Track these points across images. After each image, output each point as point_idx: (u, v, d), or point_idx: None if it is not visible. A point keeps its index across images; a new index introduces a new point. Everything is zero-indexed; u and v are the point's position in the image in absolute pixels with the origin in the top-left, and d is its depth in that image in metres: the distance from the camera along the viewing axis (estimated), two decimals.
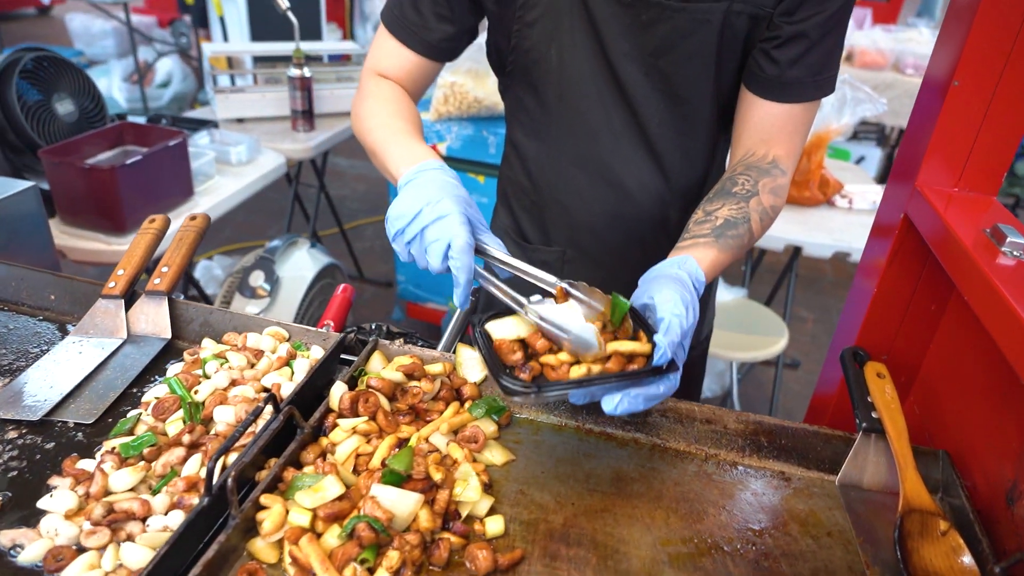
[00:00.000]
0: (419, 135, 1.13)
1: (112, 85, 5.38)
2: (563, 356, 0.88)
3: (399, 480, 0.88)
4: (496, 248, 0.96)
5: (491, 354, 0.90)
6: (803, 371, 3.75)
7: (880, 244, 1.21)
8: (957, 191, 1.11)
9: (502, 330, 0.92)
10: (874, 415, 1.04)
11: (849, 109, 2.76)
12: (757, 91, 1.12)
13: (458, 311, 1.24)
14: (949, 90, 1.04)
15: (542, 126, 1.23)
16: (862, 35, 5.16)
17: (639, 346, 0.87)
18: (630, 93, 1.15)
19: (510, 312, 0.94)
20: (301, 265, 2.67)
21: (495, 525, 0.89)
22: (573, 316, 0.89)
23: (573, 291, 0.94)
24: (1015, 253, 0.91)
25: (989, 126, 1.05)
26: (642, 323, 0.91)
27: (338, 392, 1.01)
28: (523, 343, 0.92)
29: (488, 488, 0.95)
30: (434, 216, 0.91)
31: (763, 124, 1.13)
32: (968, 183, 1.10)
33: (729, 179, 1.13)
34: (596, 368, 0.87)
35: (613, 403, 0.85)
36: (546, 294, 0.95)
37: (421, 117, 2.98)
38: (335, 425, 0.99)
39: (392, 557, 0.79)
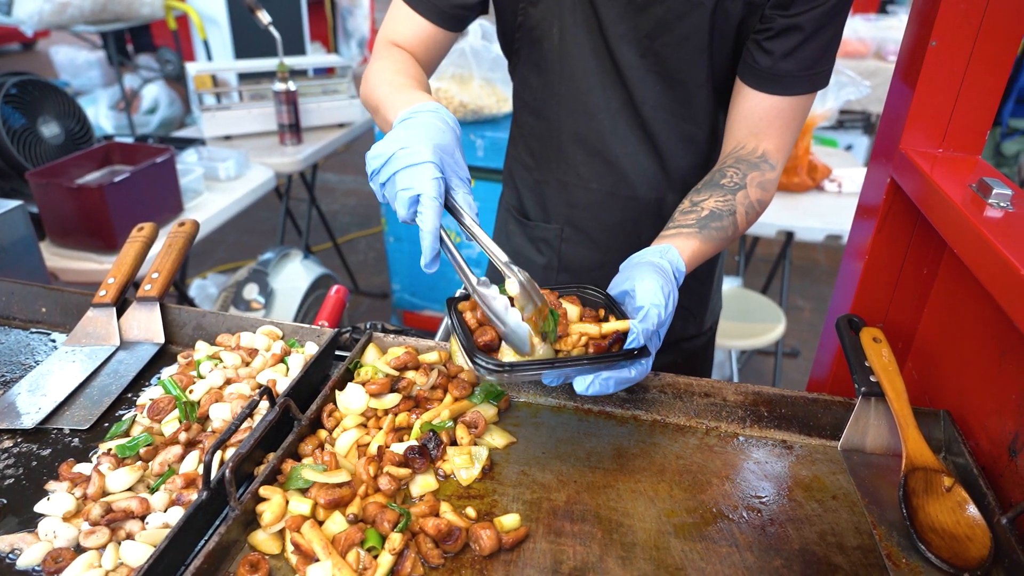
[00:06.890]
0: (423, 90, 1.09)
1: (99, 113, 5.37)
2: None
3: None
4: (466, 211, 0.90)
5: (465, 334, 0.89)
6: (803, 359, 3.75)
7: (869, 212, 1.21)
8: (941, 152, 1.11)
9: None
10: (872, 379, 1.04)
11: (833, 93, 2.77)
12: (749, 82, 1.12)
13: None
14: (927, 51, 1.05)
15: (543, 103, 1.24)
16: None
17: (619, 325, 0.89)
18: (626, 74, 1.15)
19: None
20: (295, 276, 2.66)
21: (511, 519, 0.87)
22: (512, 312, 0.87)
23: (520, 275, 0.89)
24: (1002, 204, 0.92)
25: (969, 84, 1.05)
26: (616, 310, 0.93)
27: (355, 399, 1.00)
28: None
29: (488, 470, 0.95)
30: (406, 162, 0.86)
31: (754, 115, 1.13)
32: (952, 143, 1.10)
33: (718, 171, 1.13)
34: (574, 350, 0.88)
35: (584, 384, 0.87)
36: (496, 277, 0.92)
37: None
38: (335, 420, 0.98)
39: (394, 539, 0.79)
